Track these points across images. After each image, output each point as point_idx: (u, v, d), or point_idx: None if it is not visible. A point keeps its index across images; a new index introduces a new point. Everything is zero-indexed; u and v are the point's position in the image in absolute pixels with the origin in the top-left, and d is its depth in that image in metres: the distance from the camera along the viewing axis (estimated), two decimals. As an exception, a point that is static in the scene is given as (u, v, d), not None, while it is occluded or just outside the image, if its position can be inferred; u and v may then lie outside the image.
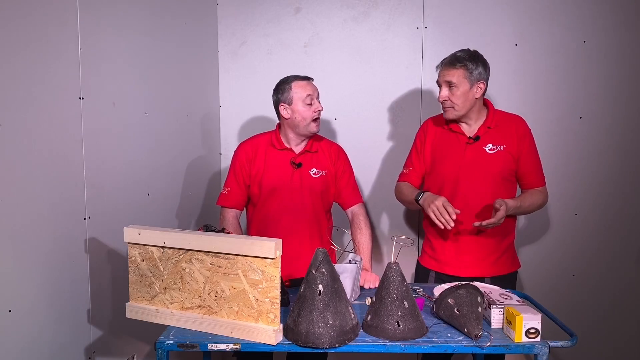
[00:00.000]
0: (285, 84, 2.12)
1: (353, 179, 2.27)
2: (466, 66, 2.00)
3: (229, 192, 2.18)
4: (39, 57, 1.55)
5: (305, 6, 2.73)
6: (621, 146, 2.57)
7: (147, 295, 1.66)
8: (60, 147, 1.65)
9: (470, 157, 2.08)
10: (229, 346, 1.51)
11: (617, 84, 2.54)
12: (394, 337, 1.51)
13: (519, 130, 2.09)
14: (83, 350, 1.78)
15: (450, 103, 2.04)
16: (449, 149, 2.13)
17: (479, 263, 2.10)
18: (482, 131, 2.08)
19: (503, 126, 2.09)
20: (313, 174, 2.15)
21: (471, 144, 2.08)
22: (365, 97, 2.73)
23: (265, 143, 2.17)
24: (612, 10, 2.51)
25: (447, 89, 2.03)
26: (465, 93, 2.02)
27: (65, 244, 1.69)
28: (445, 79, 2.02)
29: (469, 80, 2.01)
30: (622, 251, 2.62)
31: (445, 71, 2.03)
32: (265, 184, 2.13)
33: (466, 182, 2.08)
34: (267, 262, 1.47)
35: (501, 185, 2.09)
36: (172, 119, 2.38)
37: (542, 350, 1.50)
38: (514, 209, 2.01)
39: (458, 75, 2.00)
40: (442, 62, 2.06)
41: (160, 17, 2.26)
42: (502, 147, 2.07)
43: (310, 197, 2.15)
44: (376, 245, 2.82)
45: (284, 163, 2.14)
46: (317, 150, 2.19)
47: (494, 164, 2.06)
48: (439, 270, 2.16)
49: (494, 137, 2.08)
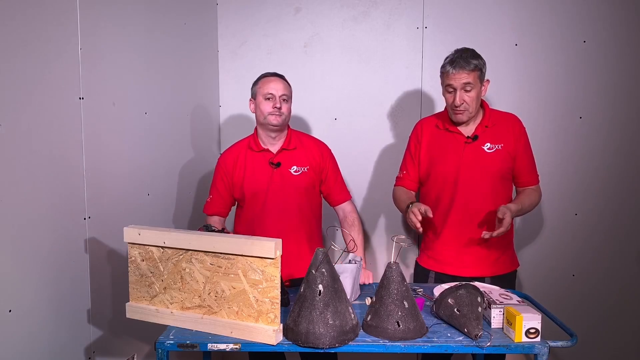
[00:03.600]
0: (257, 80, 2.14)
1: (340, 176, 2.27)
2: (478, 67, 1.98)
3: (211, 200, 2.20)
4: (39, 57, 1.55)
5: (305, 6, 2.73)
6: (621, 146, 2.57)
7: (147, 295, 1.66)
8: (60, 147, 1.65)
9: (469, 157, 2.07)
10: (229, 346, 1.51)
11: (617, 84, 2.54)
12: (394, 337, 1.51)
13: (515, 129, 2.09)
14: (83, 350, 1.78)
15: (466, 106, 2.00)
16: (446, 149, 2.11)
17: (479, 263, 2.09)
18: (479, 130, 2.08)
19: (500, 125, 2.09)
20: (294, 171, 2.13)
21: (470, 144, 2.07)
22: (365, 97, 2.73)
23: (244, 147, 2.18)
24: (612, 10, 2.51)
25: (464, 92, 1.99)
26: (478, 94, 2.01)
27: (65, 244, 1.69)
28: (463, 82, 1.97)
29: (480, 81, 2.00)
30: (622, 251, 2.62)
31: (460, 74, 1.97)
32: (247, 188, 2.13)
33: (466, 182, 2.07)
34: (267, 262, 1.47)
35: (499, 184, 2.08)
36: (172, 119, 2.38)
37: (542, 350, 1.50)
38: (517, 211, 2.00)
39: (474, 77, 1.97)
40: (453, 65, 1.98)
41: (160, 17, 2.26)
42: (500, 146, 2.06)
43: (294, 195, 2.13)
44: (375, 245, 2.82)
45: (262, 165, 2.13)
46: (296, 147, 2.17)
47: (493, 163, 2.06)
48: (438, 270, 2.15)
49: (492, 136, 2.07)
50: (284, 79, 2.14)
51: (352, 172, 2.66)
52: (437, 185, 2.13)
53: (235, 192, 2.17)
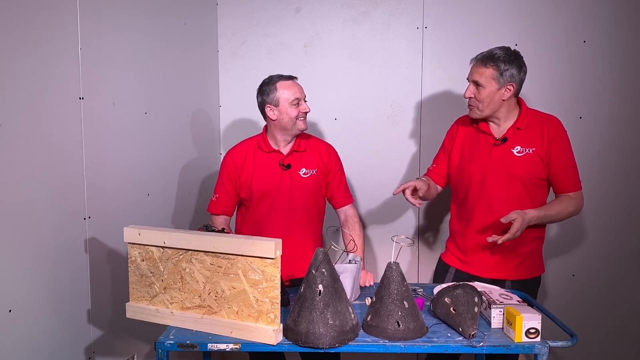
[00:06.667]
0: (270, 84, 2.06)
1: (344, 179, 2.26)
2: (497, 66, 1.91)
3: (218, 199, 2.17)
4: (39, 57, 1.55)
5: (305, 6, 2.73)
6: (621, 146, 2.57)
7: (147, 295, 1.66)
8: (60, 147, 1.65)
9: (496, 159, 2.01)
10: (229, 346, 1.51)
11: (617, 84, 2.54)
12: (394, 337, 1.51)
13: (551, 132, 1.98)
14: (83, 350, 1.78)
15: (475, 102, 1.97)
16: (476, 149, 2.06)
17: (500, 265, 2.04)
18: (510, 132, 2.00)
19: (534, 127, 2.00)
20: (303, 174, 2.13)
21: (498, 146, 2.01)
22: (365, 97, 2.73)
23: (253, 147, 2.15)
24: (612, 10, 2.51)
25: (474, 87, 1.96)
26: (491, 94, 1.94)
27: (65, 244, 1.69)
28: (473, 78, 1.95)
29: (497, 82, 1.92)
30: (622, 251, 2.62)
31: (475, 69, 1.95)
32: (256, 188, 2.11)
33: (491, 185, 2.01)
34: (267, 262, 1.47)
35: (529, 190, 2.00)
36: (172, 119, 2.38)
37: (542, 350, 1.50)
38: (538, 218, 1.92)
39: (487, 75, 1.92)
40: (476, 58, 1.97)
41: (160, 17, 2.26)
42: (532, 149, 1.97)
43: (301, 198, 2.13)
44: (375, 245, 2.82)
45: (272, 166, 2.12)
46: (306, 149, 2.16)
47: (521, 167, 1.98)
48: (460, 268, 2.13)
49: (523, 139, 1.99)
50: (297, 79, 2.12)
51: (352, 172, 2.66)
52: (464, 184, 2.09)
53: (242, 192, 2.15)
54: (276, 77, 2.08)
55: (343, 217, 2.23)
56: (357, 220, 2.21)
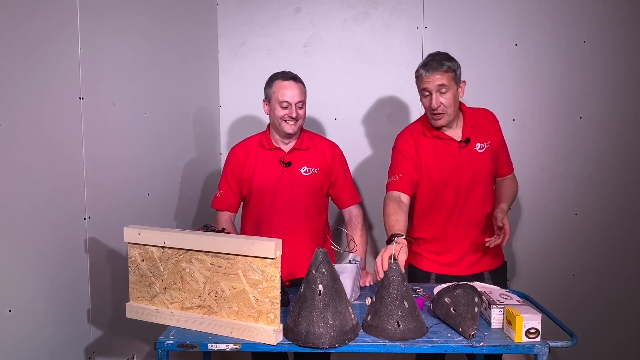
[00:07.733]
0: (271, 80, 2.10)
1: (350, 178, 2.26)
2: (451, 68, 1.94)
3: (222, 195, 2.17)
4: (39, 57, 1.55)
5: (305, 6, 2.73)
6: (621, 146, 2.57)
7: (147, 295, 1.66)
8: (60, 147, 1.65)
9: (465, 161, 2.05)
10: (229, 346, 1.51)
11: (617, 84, 2.54)
12: (394, 337, 1.51)
13: (494, 124, 2.11)
14: (83, 350, 1.78)
15: (444, 108, 1.97)
16: (441, 156, 2.05)
17: (479, 261, 2.09)
18: (468, 132, 2.05)
19: (480, 122, 2.08)
20: (304, 172, 2.13)
21: (463, 148, 2.04)
22: (365, 97, 2.73)
23: (256, 144, 2.17)
24: (612, 10, 2.51)
25: (440, 95, 1.95)
26: (454, 96, 1.98)
27: (65, 244, 1.69)
28: (437, 84, 1.93)
29: (455, 82, 1.96)
30: (622, 251, 2.62)
31: (433, 76, 1.94)
32: (256, 185, 2.12)
33: (466, 186, 2.05)
34: (267, 262, 1.47)
35: (491, 181, 2.11)
36: (172, 119, 2.38)
37: (542, 350, 1.50)
38: (508, 210, 2.02)
39: (448, 78, 1.94)
40: (426, 68, 1.95)
41: (160, 17, 2.26)
42: (488, 143, 2.07)
43: (302, 196, 2.13)
44: (376, 245, 2.82)
45: (273, 163, 2.13)
46: (308, 148, 2.16)
47: (486, 161, 2.06)
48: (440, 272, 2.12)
49: (479, 136, 2.06)
50: (299, 80, 2.09)
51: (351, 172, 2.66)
52: (434, 190, 2.08)
53: (243, 188, 2.16)
54: (279, 75, 2.10)
55: (347, 217, 2.23)
56: (361, 221, 2.21)
